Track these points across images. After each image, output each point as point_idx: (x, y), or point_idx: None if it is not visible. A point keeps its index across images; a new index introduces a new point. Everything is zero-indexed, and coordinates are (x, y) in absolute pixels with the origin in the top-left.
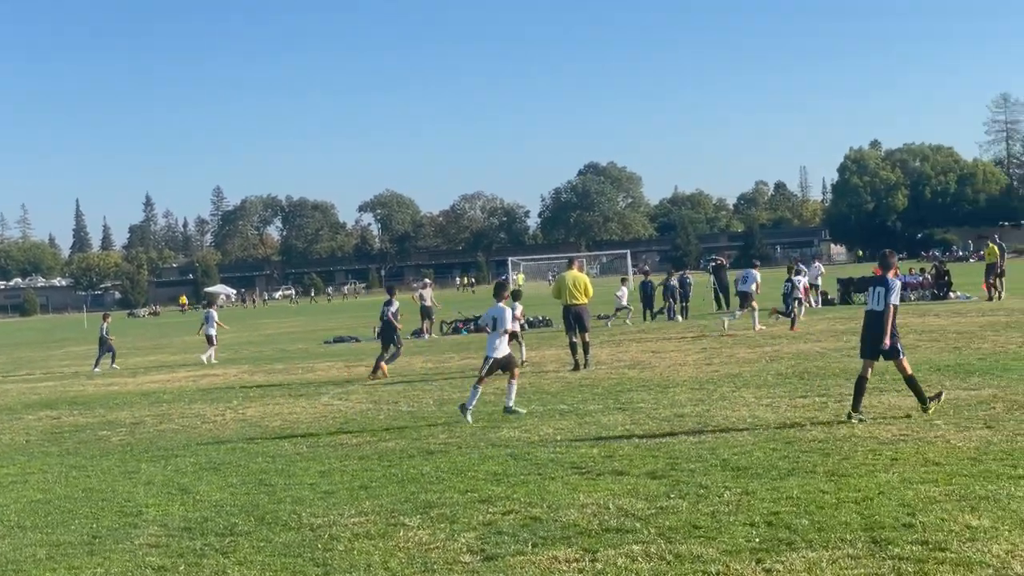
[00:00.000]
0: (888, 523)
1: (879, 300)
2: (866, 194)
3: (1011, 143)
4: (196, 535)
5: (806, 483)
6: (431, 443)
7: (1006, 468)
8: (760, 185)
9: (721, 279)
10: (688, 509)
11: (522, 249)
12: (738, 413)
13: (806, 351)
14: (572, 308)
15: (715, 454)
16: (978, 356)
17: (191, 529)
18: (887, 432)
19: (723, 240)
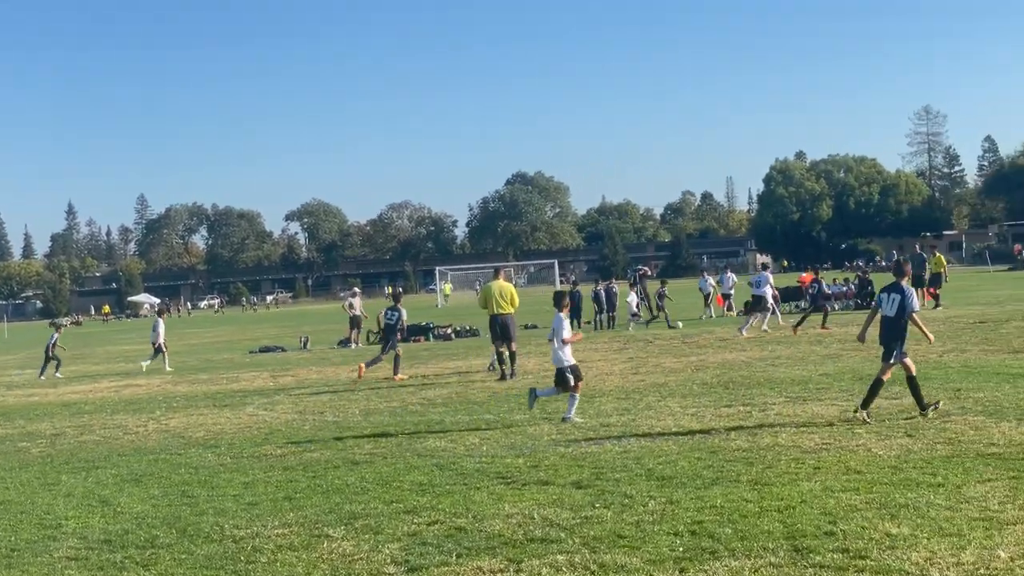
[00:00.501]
0: (810, 531)
1: (893, 307)
2: (791, 204)
3: (933, 155)
4: (116, 548)
5: (730, 492)
6: (356, 453)
7: (926, 476)
8: (687, 195)
9: (643, 289)
10: (613, 519)
11: (450, 259)
12: (663, 422)
13: (731, 360)
14: (499, 318)
15: (640, 463)
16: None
17: (111, 542)
18: (810, 441)
19: (650, 250)
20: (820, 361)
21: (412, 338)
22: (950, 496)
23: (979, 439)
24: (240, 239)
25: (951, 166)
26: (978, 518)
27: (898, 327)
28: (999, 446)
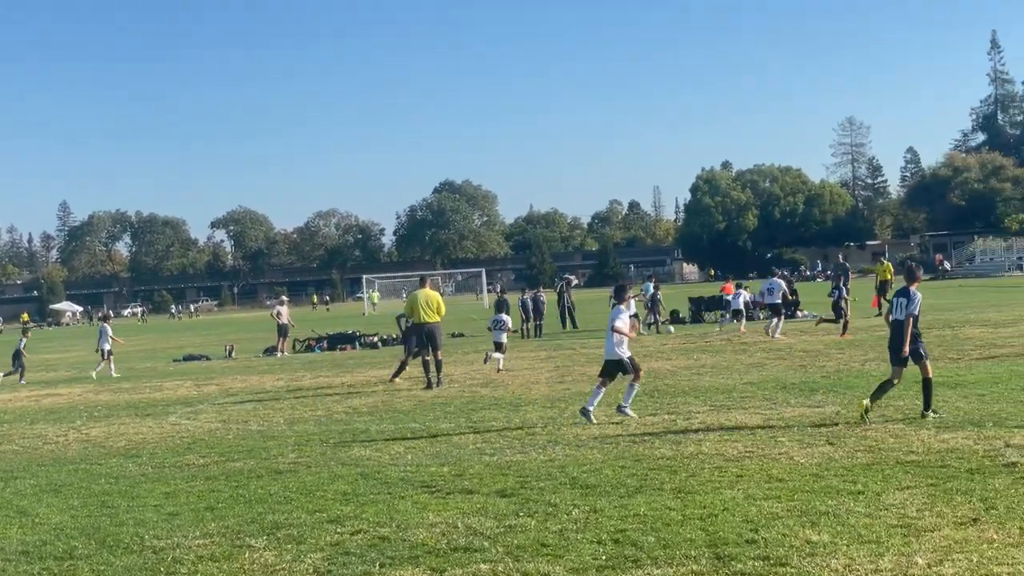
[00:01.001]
0: (732, 539)
1: (902, 311)
2: (717, 214)
3: (856, 165)
4: (34, 559)
5: (653, 500)
6: (280, 463)
7: (846, 484)
8: (614, 204)
9: (569, 298)
10: (536, 527)
11: (377, 267)
12: (589, 431)
13: (657, 369)
14: (425, 326)
15: (564, 472)
16: (822, 374)
17: (28, 553)
18: (733, 449)
19: (577, 259)
20: (744, 370)
21: (338, 346)
22: (870, 503)
23: (899, 447)
24: (165, 247)
25: (874, 177)
26: (896, 525)
27: (907, 332)
28: (918, 454)
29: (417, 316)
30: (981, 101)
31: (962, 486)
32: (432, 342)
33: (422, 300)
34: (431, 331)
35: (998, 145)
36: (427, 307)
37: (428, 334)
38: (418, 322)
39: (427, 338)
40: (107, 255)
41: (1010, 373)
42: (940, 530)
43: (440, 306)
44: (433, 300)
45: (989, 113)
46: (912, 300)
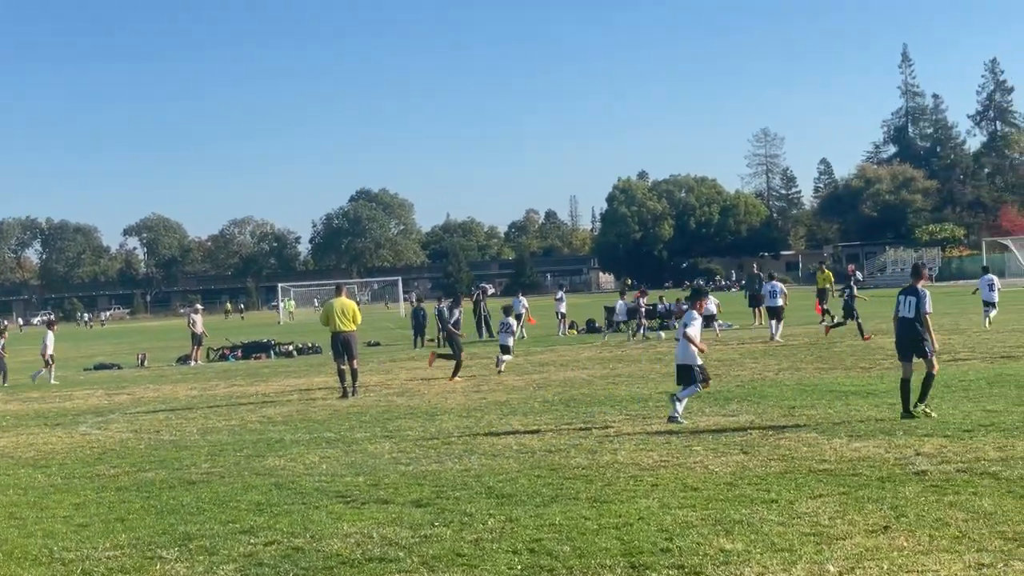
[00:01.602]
0: (647, 548)
1: (911, 308)
2: (634, 223)
3: (771, 176)
4: None
5: (569, 510)
6: (193, 473)
7: (760, 493)
8: (531, 213)
9: (484, 307)
10: (452, 537)
11: (293, 275)
12: (505, 441)
13: (573, 379)
14: (340, 335)
15: (480, 481)
16: (737, 383)
17: None
18: (648, 458)
19: (494, 268)
20: (660, 379)
21: (253, 355)
22: (783, 512)
23: (812, 455)
24: (76, 254)
25: (788, 187)
26: (809, 533)
27: (915, 327)
28: (830, 462)
29: (333, 325)
30: (892, 114)
31: (873, 494)
32: (348, 351)
33: (337, 309)
34: (346, 340)
35: (909, 157)
36: (343, 316)
37: (344, 343)
38: (334, 331)
39: (343, 347)
40: (16, 262)
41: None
42: (852, 538)
43: (356, 315)
44: (348, 309)
45: (900, 126)
46: (922, 298)
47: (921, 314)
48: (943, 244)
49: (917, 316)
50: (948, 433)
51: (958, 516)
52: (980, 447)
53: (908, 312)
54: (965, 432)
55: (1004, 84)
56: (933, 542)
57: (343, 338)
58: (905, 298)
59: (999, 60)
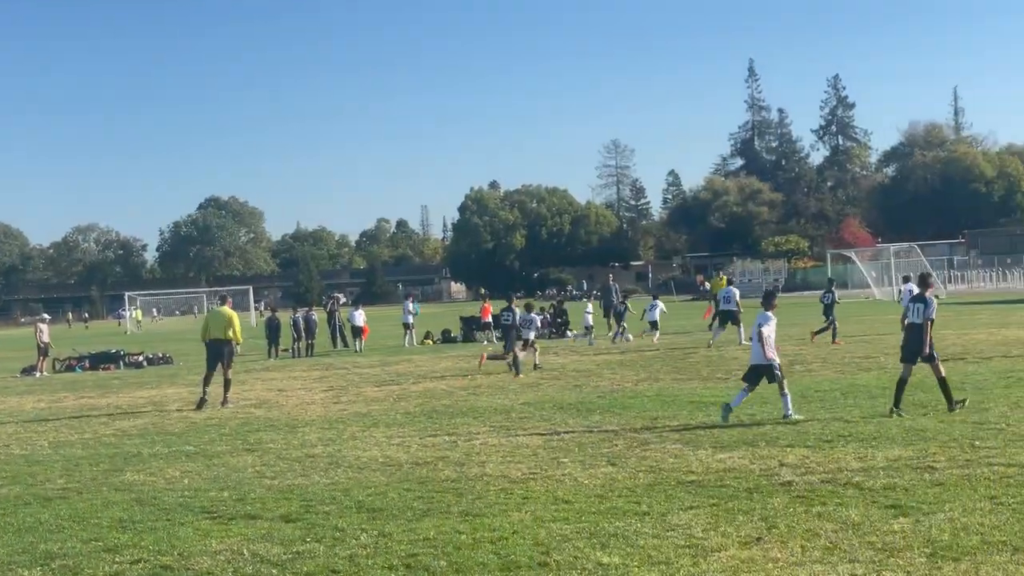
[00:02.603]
0: (524, 562)
1: (919, 314)
2: (486, 233)
3: (621, 187)
4: None
5: (442, 524)
6: (49, 489)
7: (631, 505)
8: (382, 222)
9: (338, 316)
10: (325, 553)
11: (139, 284)
12: (370, 453)
13: (433, 389)
14: (212, 343)
15: (349, 495)
16: (598, 394)
17: None
18: (517, 471)
19: (345, 276)
20: (520, 390)
21: (102, 366)
22: (656, 524)
23: (679, 467)
24: None
25: (638, 199)
26: (684, 546)
27: (922, 333)
28: (698, 473)
29: (208, 333)
30: (739, 127)
31: (743, 505)
32: (220, 360)
33: (214, 318)
34: (217, 349)
35: (755, 170)
36: (216, 325)
37: (214, 352)
38: (208, 339)
39: (213, 356)
40: None
41: (777, 393)
42: (727, 550)
43: (231, 323)
44: (223, 318)
45: (747, 139)
46: (929, 305)
47: (925, 318)
48: (788, 256)
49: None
50: (809, 444)
51: (827, 527)
52: (841, 457)
53: (917, 318)
54: (825, 443)
55: (846, 100)
56: (806, 553)
57: (215, 347)
58: (915, 306)
59: (841, 76)
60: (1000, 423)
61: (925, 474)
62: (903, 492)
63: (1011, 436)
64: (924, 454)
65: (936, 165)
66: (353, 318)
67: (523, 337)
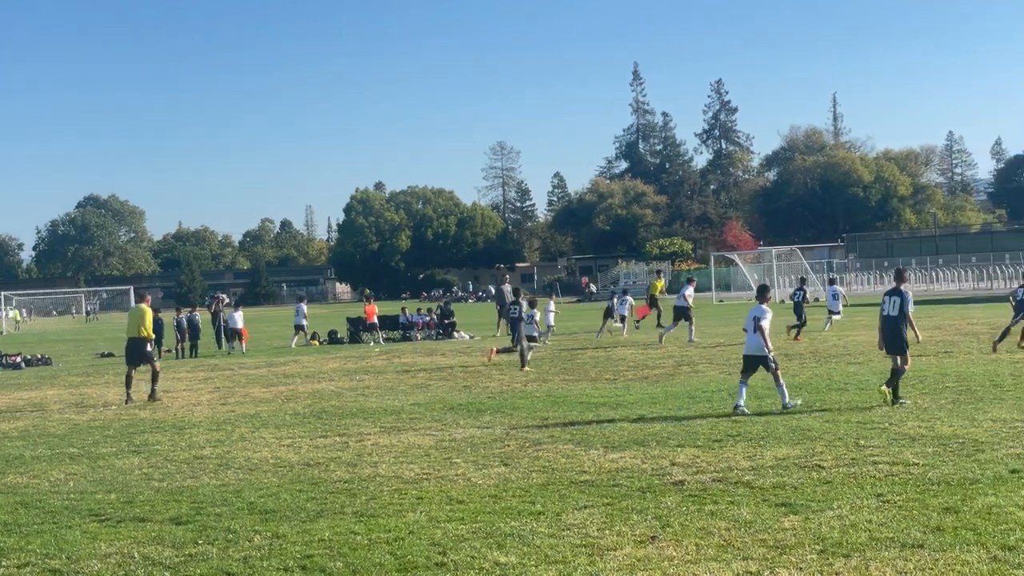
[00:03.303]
0: (421, 563)
1: (895, 307)
2: (371, 234)
3: (507, 189)
4: None
5: (336, 524)
6: None
7: (526, 504)
8: (266, 223)
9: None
10: (218, 555)
11: (15, 283)
12: (260, 454)
13: (321, 390)
14: (132, 341)
15: (241, 497)
16: (488, 395)
17: None
18: (410, 471)
19: (229, 277)
20: (410, 391)
21: None
22: (551, 524)
23: (571, 467)
24: None
25: (523, 200)
26: (580, 545)
27: (899, 324)
28: (590, 473)
29: (129, 331)
30: (624, 130)
31: (636, 505)
32: (136, 357)
33: (132, 316)
34: (133, 346)
35: (639, 173)
36: (133, 323)
37: (130, 349)
38: (129, 336)
39: (131, 353)
40: None
41: (665, 394)
42: (622, 548)
43: (143, 321)
44: (137, 316)
45: (631, 142)
46: (906, 298)
47: (904, 312)
48: (672, 258)
49: (900, 314)
50: (699, 443)
51: (720, 525)
52: (731, 457)
53: (893, 311)
54: (715, 442)
55: (728, 104)
56: (700, 551)
57: (133, 345)
58: (890, 298)
59: (724, 81)
60: (883, 422)
61: (813, 472)
62: (792, 490)
63: (894, 435)
64: (811, 453)
65: (816, 169)
66: (232, 320)
67: (527, 334)
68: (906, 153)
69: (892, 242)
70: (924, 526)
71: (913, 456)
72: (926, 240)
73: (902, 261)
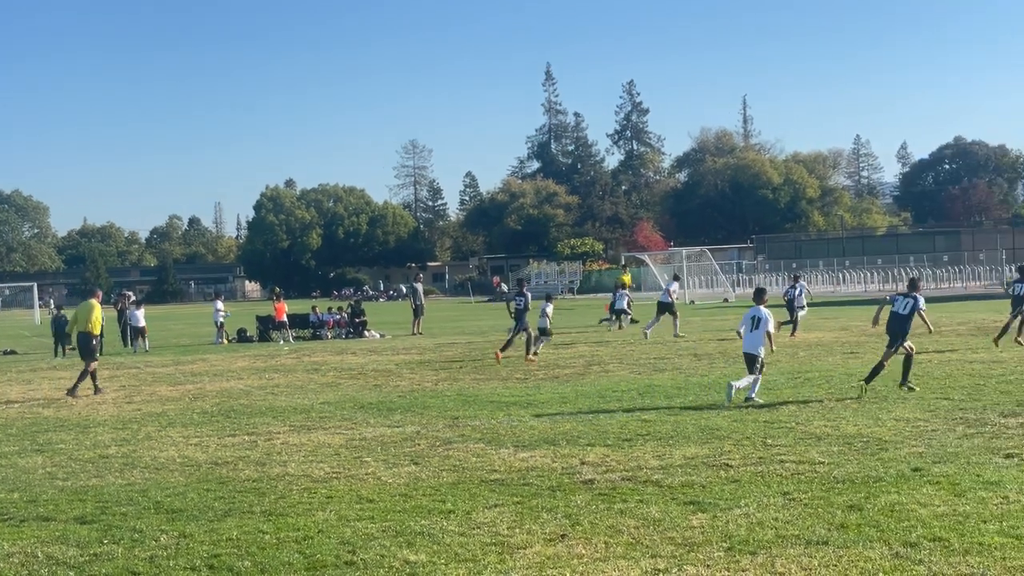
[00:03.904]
0: (330, 561)
1: (907, 308)
2: (281, 232)
3: (419, 188)
4: None
5: (244, 524)
6: None
7: (436, 503)
8: (174, 220)
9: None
10: (124, 555)
11: None
12: (167, 453)
13: (230, 389)
14: (82, 336)
15: (147, 496)
16: (398, 394)
17: None
18: (319, 470)
19: (135, 274)
20: (319, 390)
21: None
22: (462, 522)
23: (482, 465)
24: None
25: (435, 199)
26: (490, 543)
27: (906, 324)
28: (501, 472)
29: (78, 327)
30: (536, 130)
31: (546, 503)
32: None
33: (82, 311)
34: (86, 341)
35: (551, 173)
36: (81, 318)
37: (79, 343)
38: (80, 332)
39: (86, 348)
40: None
41: (576, 393)
42: (532, 547)
43: (88, 316)
44: (84, 312)
45: (544, 142)
46: (919, 301)
47: (914, 313)
48: (583, 258)
49: (910, 314)
50: (609, 442)
51: (629, 523)
52: (640, 456)
53: (904, 311)
54: (625, 441)
55: (640, 106)
56: (609, 549)
57: (83, 339)
58: (904, 299)
59: (636, 83)
60: (790, 422)
61: (721, 471)
62: (701, 489)
63: (801, 434)
64: (720, 452)
65: (726, 171)
66: (134, 318)
67: (539, 326)
68: (814, 156)
69: (800, 244)
70: (829, 523)
71: (819, 455)
72: (833, 242)
73: (810, 263)
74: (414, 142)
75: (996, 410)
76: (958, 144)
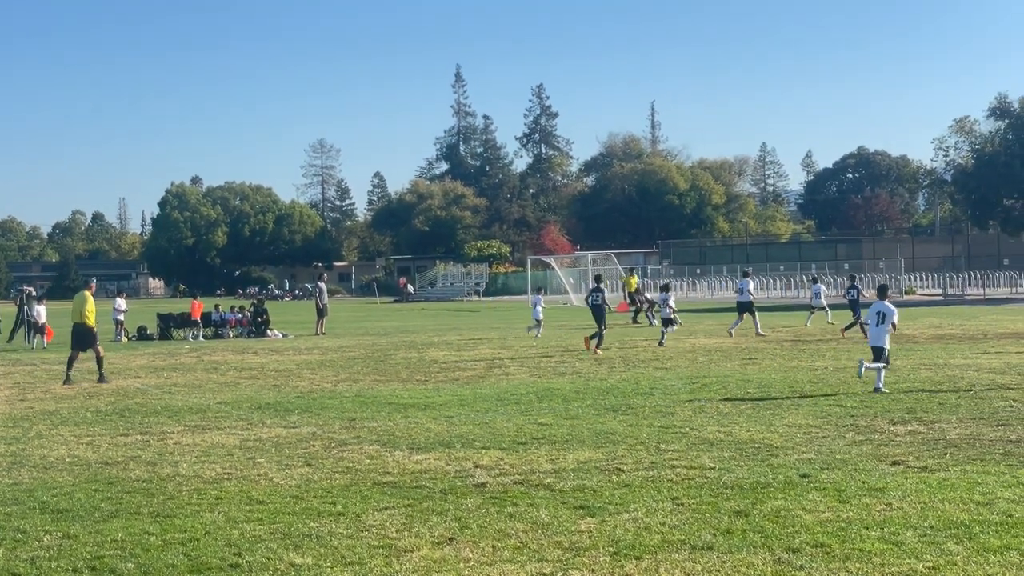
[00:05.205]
0: (215, 563)
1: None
2: (187, 229)
3: (326, 187)
4: None
5: (130, 525)
6: None
7: (327, 505)
8: (77, 215)
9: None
10: (5, 555)
11: None
12: (57, 452)
13: (126, 387)
14: (78, 326)
15: (33, 496)
16: (296, 394)
17: None
18: (211, 471)
19: (36, 269)
20: (217, 389)
21: None
22: (351, 525)
23: (375, 468)
24: None
25: (343, 199)
26: (378, 546)
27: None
28: (394, 474)
29: (74, 317)
30: (445, 131)
31: (437, 506)
32: (84, 341)
33: (76, 302)
34: (78, 331)
35: (460, 175)
36: (77, 309)
37: (75, 334)
38: (75, 322)
39: (76, 337)
40: None
41: (474, 395)
42: (419, 550)
43: (82, 308)
44: (78, 303)
45: (452, 143)
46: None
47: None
48: (490, 260)
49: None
50: (504, 446)
51: (518, 527)
52: (534, 459)
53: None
54: (519, 445)
55: (549, 109)
56: (496, 552)
57: (77, 329)
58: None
59: (545, 86)
60: (684, 427)
61: (613, 476)
62: (591, 493)
63: (694, 440)
64: (613, 456)
65: (633, 176)
66: (34, 314)
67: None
68: (721, 163)
69: (705, 249)
70: (715, 528)
71: (710, 460)
72: (737, 248)
73: (714, 268)
74: (322, 141)
75: (886, 417)
76: (861, 154)
